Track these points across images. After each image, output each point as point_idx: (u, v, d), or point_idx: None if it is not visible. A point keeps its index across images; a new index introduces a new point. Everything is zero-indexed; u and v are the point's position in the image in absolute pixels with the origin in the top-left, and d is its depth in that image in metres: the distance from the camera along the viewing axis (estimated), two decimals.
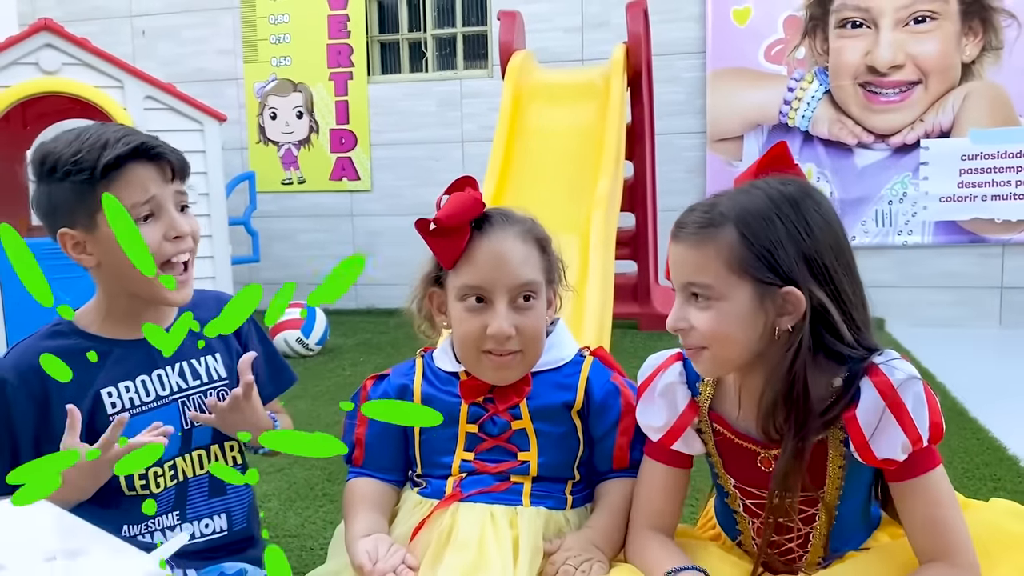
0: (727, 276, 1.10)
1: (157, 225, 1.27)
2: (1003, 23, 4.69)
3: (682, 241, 1.14)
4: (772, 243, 1.08)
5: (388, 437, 1.36)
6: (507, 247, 1.28)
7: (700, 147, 5.15)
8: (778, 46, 4.99)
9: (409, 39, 5.72)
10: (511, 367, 1.29)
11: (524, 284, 1.28)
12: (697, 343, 1.13)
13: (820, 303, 1.08)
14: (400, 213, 5.68)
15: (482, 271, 1.27)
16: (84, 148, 1.22)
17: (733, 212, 1.10)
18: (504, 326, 1.25)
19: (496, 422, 1.31)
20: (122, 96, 3.94)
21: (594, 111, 3.52)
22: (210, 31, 5.82)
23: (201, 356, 1.41)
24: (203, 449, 1.40)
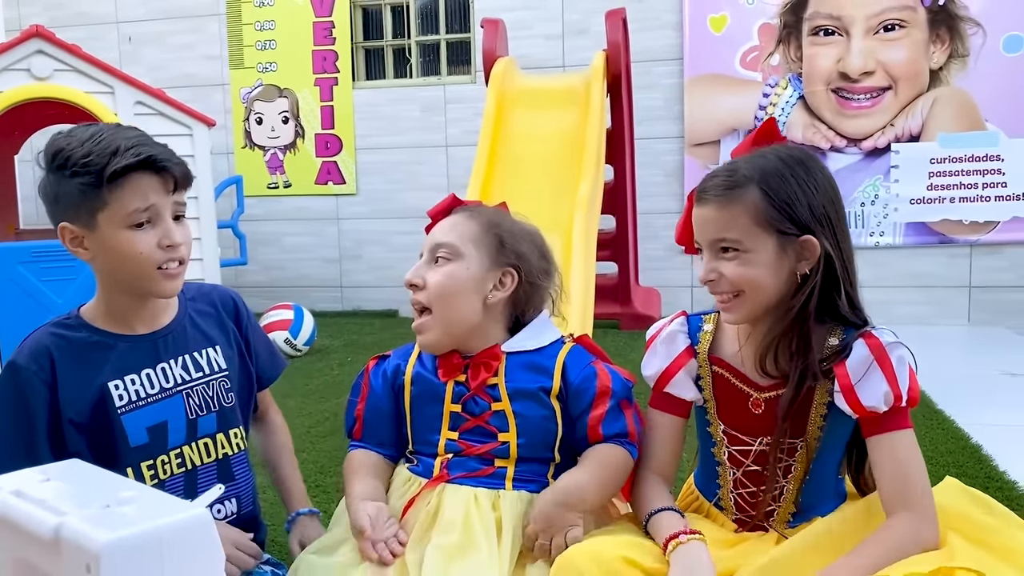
0: (753, 229, 1.25)
1: (152, 232, 1.33)
2: (969, 31, 4.86)
3: (708, 203, 1.28)
4: (790, 198, 1.24)
5: (384, 414, 1.49)
6: (447, 220, 1.46)
7: (678, 151, 5.28)
8: (753, 53, 5.12)
9: (393, 45, 5.81)
10: (426, 329, 1.42)
11: (438, 244, 1.42)
12: (729, 290, 1.28)
13: (828, 252, 1.24)
14: (385, 216, 5.78)
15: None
16: (95, 152, 1.28)
17: (755, 173, 1.25)
18: (409, 274, 1.44)
19: (478, 403, 1.40)
20: (113, 102, 4.01)
21: (575, 116, 3.63)
22: (196, 37, 5.89)
23: (202, 348, 1.49)
24: (209, 437, 1.47)
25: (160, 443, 1.41)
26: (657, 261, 5.26)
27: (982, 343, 4.54)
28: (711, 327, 1.40)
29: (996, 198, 4.90)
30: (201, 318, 1.52)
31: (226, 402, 1.50)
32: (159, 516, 0.70)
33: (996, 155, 4.87)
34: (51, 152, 1.31)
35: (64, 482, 0.80)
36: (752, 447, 1.34)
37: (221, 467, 1.49)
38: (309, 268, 5.93)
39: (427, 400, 1.45)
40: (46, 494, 0.76)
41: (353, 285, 5.90)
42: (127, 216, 1.30)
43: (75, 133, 1.33)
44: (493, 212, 1.50)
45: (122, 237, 1.31)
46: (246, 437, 1.57)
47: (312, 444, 2.87)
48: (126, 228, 1.31)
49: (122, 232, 1.31)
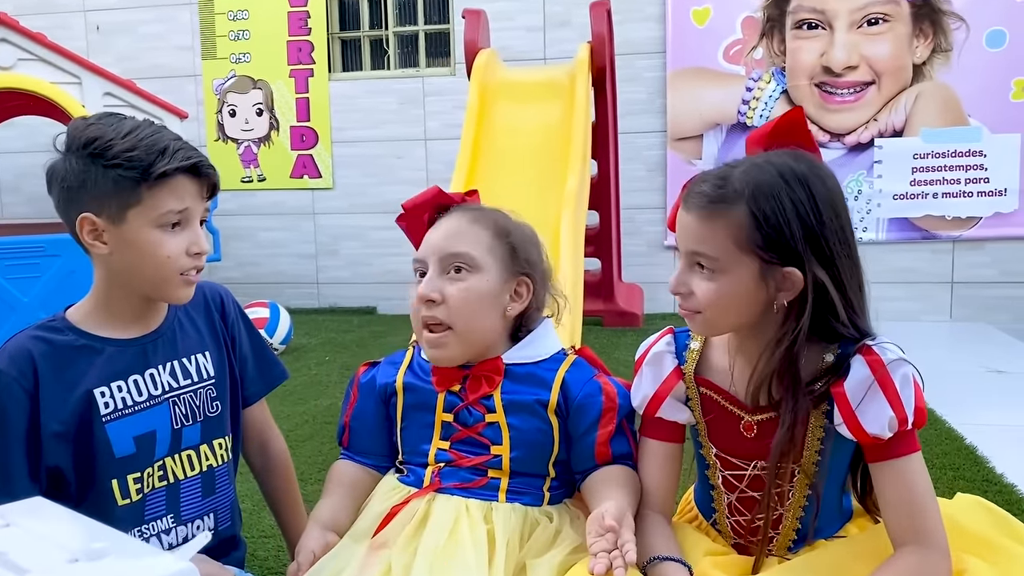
0: (733, 252, 1.13)
1: (182, 236, 1.30)
2: (952, 26, 4.83)
3: (692, 211, 1.16)
4: (780, 224, 1.11)
5: (372, 422, 1.42)
6: (450, 223, 1.35)
7: (661, 146, 5.22)
8: (736, 46, 5.07)
9: (371, 36, 5.69)
10: (443, 345, 1.32)
11: (453, 254, 1.31)
12: (694, 308, 1.18)
13: (820, 283, 1.11)
14: (362, 211, 5.66)
15: (424, 243, 1.36)
16: (140, 147, 1.24)
17: (747, 189, 1.12)
18: (423, 288, 1.30)
19: (471, 412, 1.33)
20: (80, 92, 3.87)
21: (560, 109, 3.55)
22: (167, 27, 5.73)
23: (192, 354, 1.42)
24: (192, 449, 1.40)
25: (147, 454, 1.34)
26: (639, 257, 5.20)
27: (965, 340, 4.53)
28: (698, 345, 1.30)
29: (978, 194, 4.89)
30: (190, 320, 1.45)
31: (211, 411, 1.43)
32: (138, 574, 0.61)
33: (979, 150, 4.86)
34: (86, 138, 1.25)
35: (25, 528, 0.70)
36: (746, 471, 1.26)
37: (205, 480, 1.41)
38: (284, 264, 5.80)
39: (418, 409, 1.38)
40: (5, 544, 0.66)
41: (330, 281, 5.79)
42: (160, 216, 1.27)
43: (109, 123, 1.28)
44: (496, 214, 1.41)
45: (150, 236, 1.28)
46: (233, 447, 1.49)
47: (291, 449, 2.77)
48: (156, 228, 1.28)
49: (151, 231, 1.27)
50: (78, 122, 1.30)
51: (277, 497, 1.63)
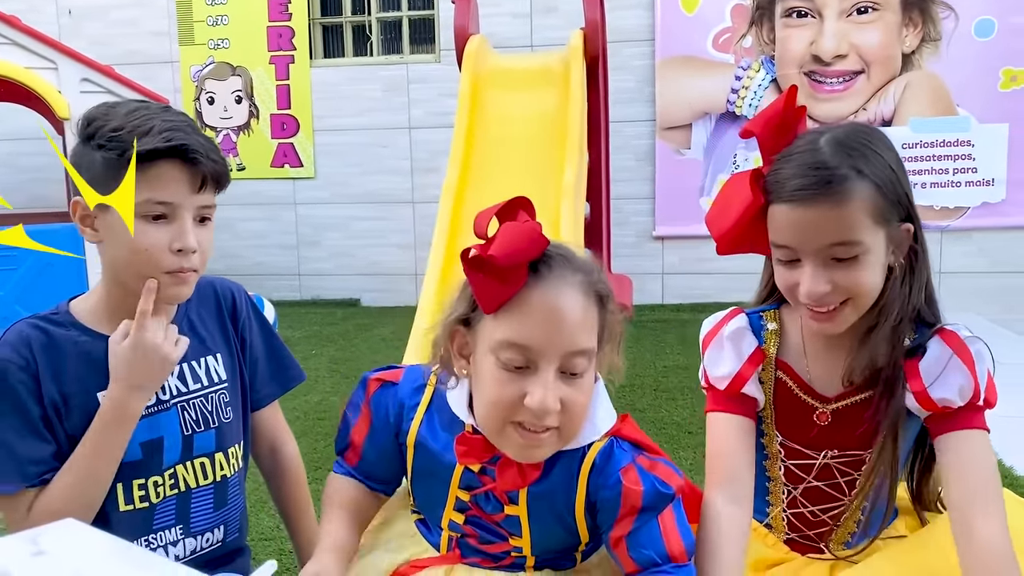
0: (871, 227, 1.08)
1: (165, 229, 1.18)
2: (941, 15, 4.82)
3: (815, 204, 1.08)
4: (895, 182, 1.10)
5: (385, 454, 1.22)
6: (568, 302, 1.03)
7: (649, 135, 5.16)
8: (726, 35, 5.02)
9: (353, 22, 5.57)
10: (544, 445, 1.06)
11: (579, 351, 1.04)
12: (838, 300, 1.11)
13: (918, 236, 1.14)
14: (345, 201, 5.56)
15: (532, 328, 1.02)
16: (127, 127, 1.15)
17: (855, 162, 1.08)
18: (548, 399, 1.02)
19: (489, 499, 1.14)
20: (56, 78, 3.73)
21: (554, 98, 3.47)
22: (142, 11, 5.57)
23: (201, 357, 1.32)
24: (206, 457, 1.31)
25: (155, 461, 1.25)
26: (628, 248, 5.15)
27: None
28: (775, 326, 1.25)
29: (967, 184, 4.89)
30: (201, 320, 1.35)
31: (224, 418, 1.33)
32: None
33: (967, 140, 4.86)
34: (86, 119, 1.20)
35: (59, 558, 0.62)
36: (815, 461, 1.22)
37: (218, 490, 1.32)
38: (265, 255, 5.68)
39: (431, 474, 1.18)
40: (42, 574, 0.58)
41: (312, 273, 5.68)
42: (140, 205, 1.15)
43: (120, 106, 1.20)
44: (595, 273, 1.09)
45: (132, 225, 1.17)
46: (246, 454, 1.40)
47: None
48: (137, 216, 1.16)
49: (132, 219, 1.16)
50: (96, 106, 1.23)
51: (287, 502, 1.54)
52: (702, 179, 5.12)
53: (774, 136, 1.14)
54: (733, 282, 5.02)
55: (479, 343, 1.06)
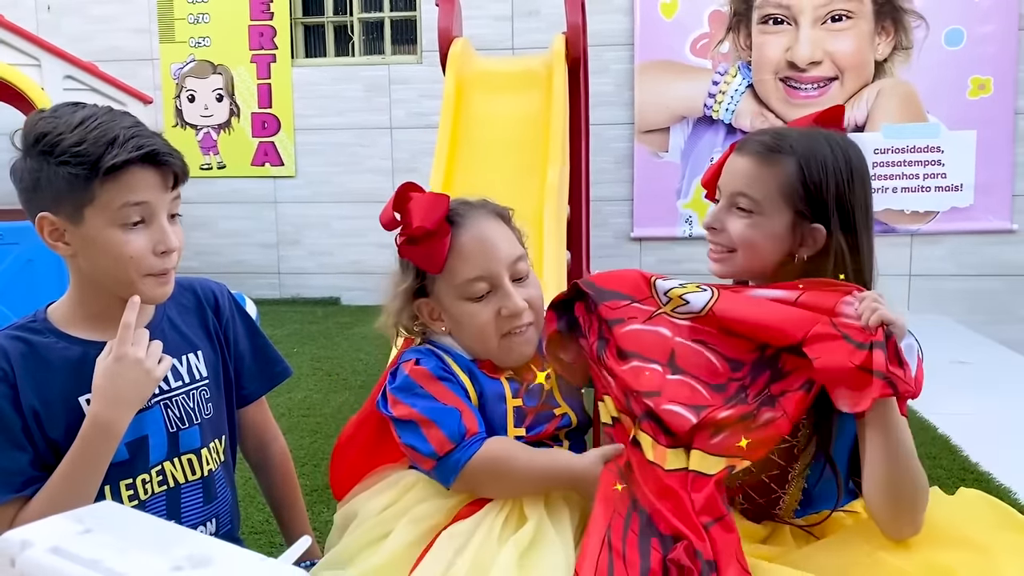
0: (775, 198, 1.25)
1: (146, 234, 1.20)
2: (912, 24, 4.94)
3: (747, 155, 1.27)
4: (822, 184, 1.22)
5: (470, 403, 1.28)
6: (489, 227, 1.29)
7: (628, 138, 5.24)
8: (703, 40, 5.11)
9: (335, 22, 5.60)
10: (532, 341, 1.30)
11: (518, 257, 1.29)
12: (727, 245, 1.28)
13: (840, 247, 1.23)
14: (326, 200, 5.58)
15: (478, 260, 1.26)
16: (89, 139, 1.14)
17: (801, 148, 1.24)
18: (518, 302, 1.26)
19: (530, 394, 1.30)
20: (39, 75, 3.73)
21: (537, 100, 3.52)
22: (122, 8, 5.55)
23: (183, 355, 1.34)
24: (193, 453, 1.33)
25: (141, 460, 1.27)
26: (607, 248, 5.22)
27: (925, 331, 4.55)
28: None
29: (936, 188, 5.02)
30: (182, 318, 1.37)
31: (206, 413, 1.36)
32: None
33: (937, 146, 4.98)
34: (35, 135, 1.17)
35: (109, 534, 0.67)
36: None
37: (206, 485, 1.35)
38: (245, 253, 5.69)
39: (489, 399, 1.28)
40: (95, 552, 0.63)
41: (292, 271, 5.69)
42: (118, 213, 1.17)
43: (62, 115, 1.18)
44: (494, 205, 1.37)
45: (110, 236, 1.18)
46: (231, 447, 1.43)
47: None
48: (116, 227, 1.18)
49: (110, 231, 1.18)
50: (32, 116, 1.20)
51: (276, 496, 1.57)
52: (679, 182, 5.20)
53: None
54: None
55: (443, 299, 1.28)
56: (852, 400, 1.10)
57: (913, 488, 1.13)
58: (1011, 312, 4.96)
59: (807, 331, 1.15)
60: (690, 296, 1.26)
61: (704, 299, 1.25)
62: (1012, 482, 2.51)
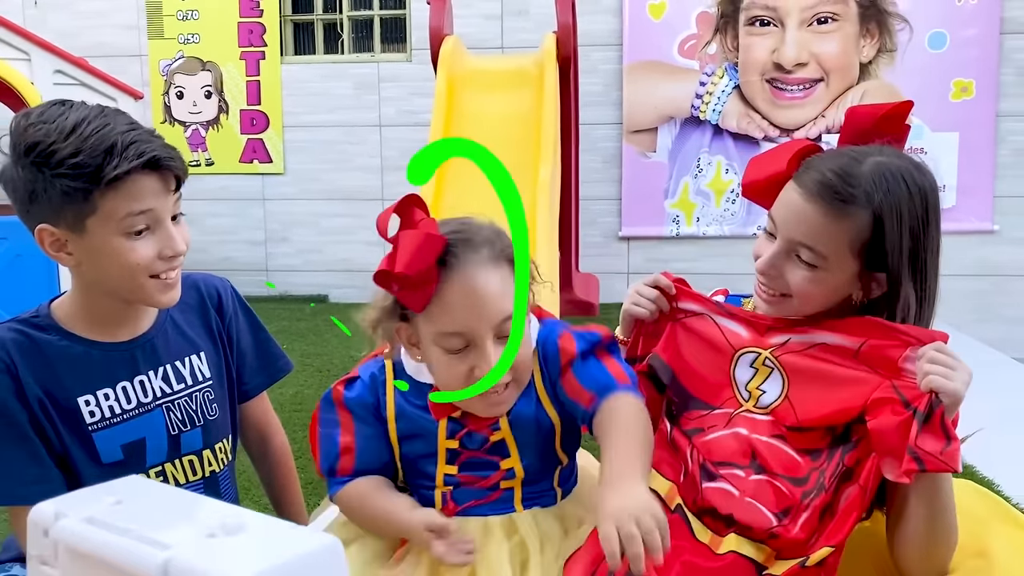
0: (844, 253, 1.13)
1: (152, 240, 1.18)
2: (897, 27, 5.01)
3: (813, 200, 1.13)
4: (898, 241, 1.11)
5: (378, 440, 1.25)
6: (481, 283, 1.10)
7: (616, 138, 5.27)
8: (691, 41, 5.15)
9: (324, 20, 5.60)
10: (506, 401, 1.17)
11: (506, 318, 1.12)
12: (782, 291, 1.18)
13: (906, 294, 1.13)
14: (315, 197, 5.58)
15: (459, 316, 1.10)
16: (85, 149, 1.10)
17: (876, 196, 1.10)
18: (503, 377, 1.12)
19: (473, 437, 1.22)
20: (29, 69, 3.72)
21: (528, 98, 3.56)
22: (111, 4, 5.53)
23: (185, 356, 1.34)
24: (194, 454, 1.34)
25: (137, 461, 1.27)
26: (595, 248, 5.25)
27: None
28: (751, 309, 1.31)
29: None
30: (185, 317, 1.36)
31: (210, 415, 1.36)
32: (288, 547, 0.60)
33: (920, 148, 5.04)
34: (25, 145, 1.12)
35: (140, 505, 0.69)
36: None
37: (208, 485, 1.36)
38: (233, 251, 5.68)
39: (415, 436, 1.24)
40: (127, 522, 0.65)
41: (280, 269, 5.69)
42: (122, 223, 1.14)
43: (51, 120, 1.13)
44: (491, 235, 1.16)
45: (116, 245, 1.15)
46: (233, 448, 1.44)
47: None
48: (121, 236, 1.15)
49: (116, 240, 1.15)
50: (19, 120, 1.15)
51: (275, 488, 1.57)
52: (667, 182, 5.24)
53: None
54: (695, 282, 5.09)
55: (421, 334, 1.14)
56: (895, 470, 1.06)
57: (947, 548, 1.12)
58: (994, 311, 5.04)
59: (868, 398, 1.11)
60: (765, 386, 1.20)
61: (777, 389, 1.19)
62: (995, 474, 2.57)
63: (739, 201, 5.19)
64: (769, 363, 1.20)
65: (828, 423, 1.15)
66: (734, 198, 5.20)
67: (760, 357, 1.21)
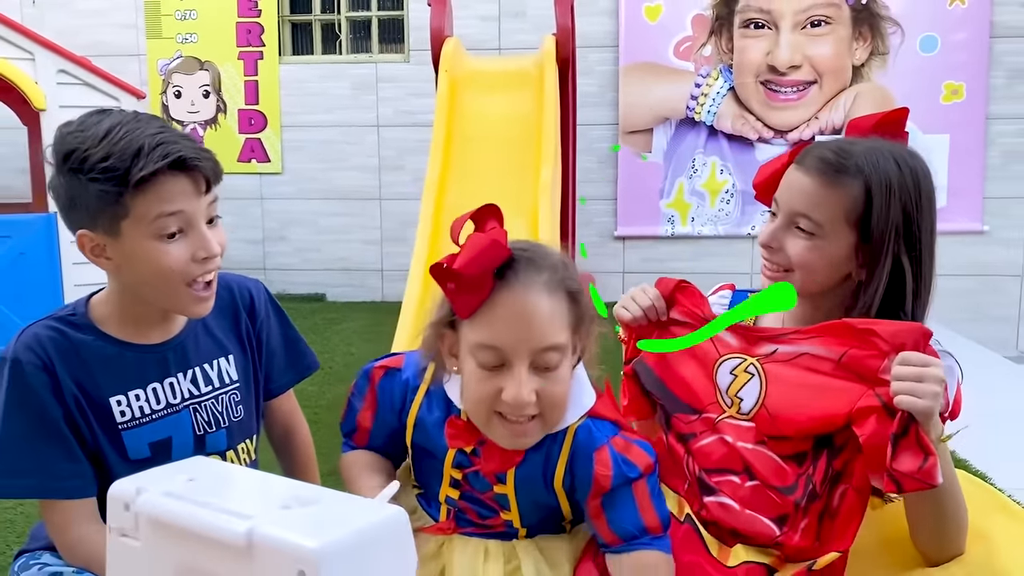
0: (839, 222, 1.19)
1: (185, 243, 1.19)
2: (889, 30, 5.08)
3: (809, 173, 1.20)
4: (890, 209, 1.17)
5: (392, 433, 1.30)
6: (531, 304, 1.09)
7: (612, 138, 5.33)
8: (686, 43, 5.21)
9: (322, 20, 5.64)
10: (529, 434, 1.15)
11: (549, 347, 1.11)
12: (784, 265, 1.24)
13: (900, 267, 1.19)
14: (312, 196, 5.62)
15: (501, 331, 1.10)
16: (115, 153, 1.13)
17: (868, 169, 1.17)
18: (523, 394, 1.10)
19: (479, 477, 1.21)
20: (33, 69, 3.74)
21: (529, 100, 3.61)
22: (109, 3, 5.55)
23: (214, 359, 1.35)
24: (218, 454, 1.36)
25: (163, 458, 1.28)
26: (591, 247, 5.30)
27: None
28: None
29: None
30: (215, 320, 1.37)
31: (235, 416, 1.38)
32: (360, 517, 0.65)
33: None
34: (63, 152, 1.16)
35: (213, 482, 0.74)
36: None
37: None
38: (230, 249, 5.55)
39: (427, 452, 1.26)
40: (204, 496, 0.69)
41: (278, 268, 5.72)
42: (154, 225, 1.16)
43: (87, 128, 1.17)
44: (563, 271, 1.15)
45: (149, 248, 1.17)
46: (256, 447, 1.46)
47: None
48: (154, 239, 1.17)
49: (149, 243, 1.17)
50: (61, 129, 1.19)
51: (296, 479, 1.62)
52: (662, 182, 5.30)
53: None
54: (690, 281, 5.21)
55: (462, 344, 1.14)
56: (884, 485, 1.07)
57: (957, 532, 1.15)
58: (984, 311, 5.12)
59: (853, 406, 1.12)
60: (743, 392, 1.22)
61: (754, 396, 1.21)
62: (988, 468, 2.63)
63: (733, 201, 5.26)
64: (752, 369, 1.22)
65: (808, 432, 1.16)
66: (728, 198, 5.26)
67: (744, 363, 1.23)
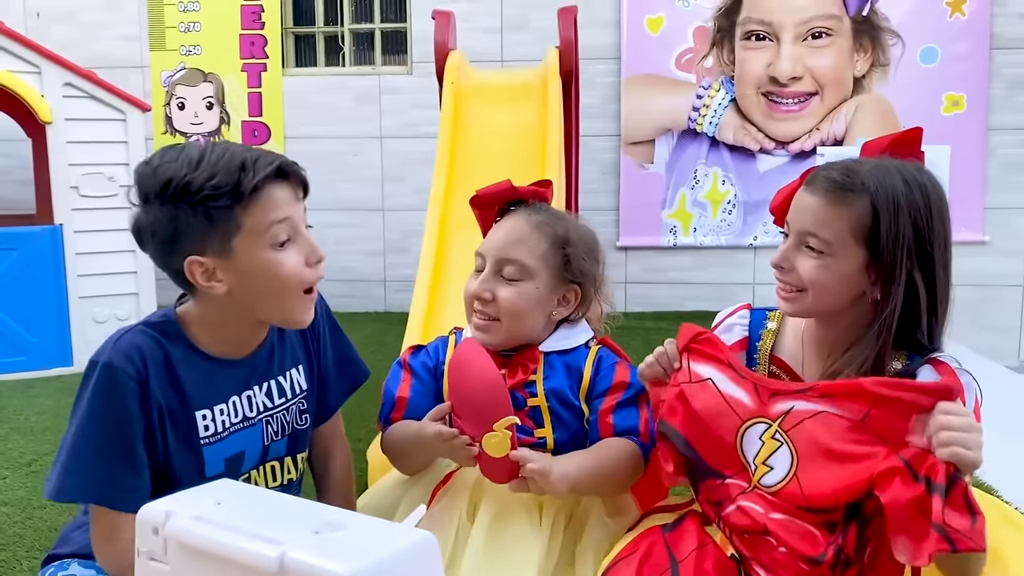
0: (847, 239, 1.21)
1: (295, 249, 1.23)
2: (889, 42, 5.11)
3: (817, 193, 1.23)
4: (899, 226, 1.18)
5: (429, 395, 1.48)
6: (510, 224, 1.47)
7: (614, 149, 5.35)
8: (688, 55, 5.24)
9: (325, 32, 5.66)
10: (488, 331, 1.45)
11: (507, 260, 1.43)
12: (796, 284, 1.25)
13: (914, 286, 1.19)
14: (316, 207, 5.58)
15: (486, 241, 1.48)
16: (220, 171, 1.15)
17: (874, 187, 1.19)
18: (477, 287, 1.44)
19: (515, 398, 1.40)
20: (39, 82, 3.75)
21: (533, 111, 3.62)
22: (112, 16, 5.57)
23: (287, 371, 1.37)
24: (277, 461, 1.39)
25: (233, 472, 1.32)
26: None
27: None
28: (775, 325, 1.38)
29: None
30: (287, 333, 1.40)
31: (299, 425, 1.40)
32: (390, 542, 0.66)
33: None
34: (159, 184, 1.17)
35: (241, 506, 0.75)
36: None
37: (286, 491, 1.39)
38: None
39: None
40: (233, 520, 0.70)
41: None
42: (266, 234, 1.19)
43: (174, 158, 1.19)
44: (559, 222, 1.49)
45: (265, 259, 1.19)
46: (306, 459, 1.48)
47: None
48: (268, 248, 1.19)
49: (264, 254, 1.19)
50: (143, 168, 1.21)
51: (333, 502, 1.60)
52: (664, 193, 5.32)
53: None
54: (692, 292, 5.24)
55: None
56: (910, 552, 1.03)
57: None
58: (985, 321, 5.13)
59: (876, 470, 1.09)
60: (773, 460, 1.19)
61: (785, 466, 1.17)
62: (993, 480, 2.63)
63: (735, 212, 5.27)
64: (779, 437, 1.19)
65: (837, 502, 1.14)
66: (731, 209, 5.28)
67: (770, 430, 1.20)
